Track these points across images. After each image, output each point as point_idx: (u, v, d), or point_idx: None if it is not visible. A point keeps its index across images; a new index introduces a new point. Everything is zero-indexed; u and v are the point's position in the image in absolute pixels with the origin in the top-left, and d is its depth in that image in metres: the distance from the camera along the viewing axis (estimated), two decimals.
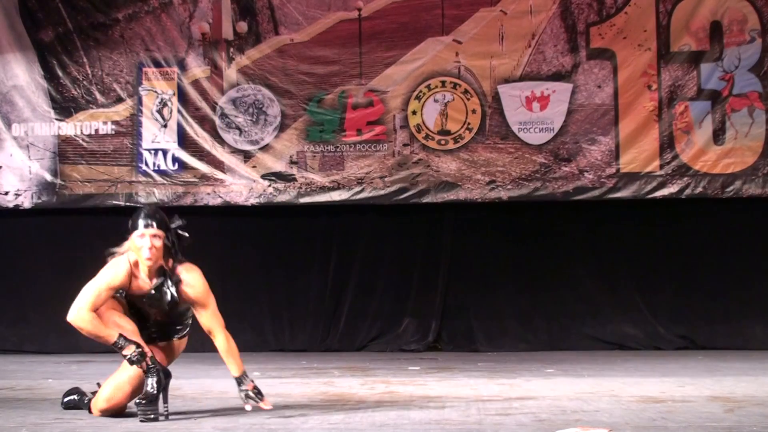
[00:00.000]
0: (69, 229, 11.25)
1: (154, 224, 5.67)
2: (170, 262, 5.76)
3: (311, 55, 11.07)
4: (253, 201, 11.07)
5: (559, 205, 11.03)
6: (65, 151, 11.15)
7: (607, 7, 10.91)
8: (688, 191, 10.77)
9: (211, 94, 11.10)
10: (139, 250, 5.66)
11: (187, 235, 5.78)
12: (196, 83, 11.11)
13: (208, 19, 11.14)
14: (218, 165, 11.08)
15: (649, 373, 8.39)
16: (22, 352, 11.13)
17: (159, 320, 5.92)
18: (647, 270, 11.04)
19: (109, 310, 5.69)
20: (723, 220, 11.00)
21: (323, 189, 11.03)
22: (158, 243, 5.65)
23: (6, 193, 11.18)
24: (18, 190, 11.16)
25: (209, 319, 5.83)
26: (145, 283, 5.75)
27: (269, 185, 11.04)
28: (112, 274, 5.69)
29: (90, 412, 5.92)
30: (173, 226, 5.75)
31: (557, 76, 10.94)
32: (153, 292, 5.72)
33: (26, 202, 11.16)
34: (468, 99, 10.98)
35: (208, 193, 11.06)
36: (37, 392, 7.34)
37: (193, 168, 11.08)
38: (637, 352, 10.66)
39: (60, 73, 11.18)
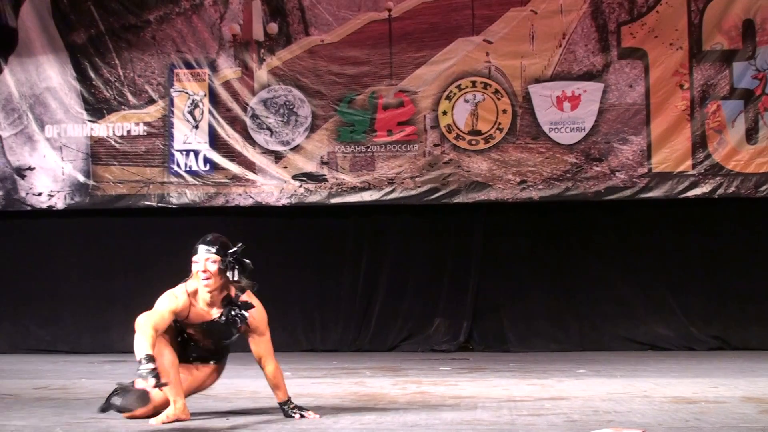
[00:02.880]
0: (102, 230, 11.32)
1: (212, 250, 5.71)
2: (233, 290, 5.80)
3: (342, 56, 11.09)
4: (284, 201, 11.10)
5: (591, 205, 10.99)
6: (98, 152, 11.22)
7: (638, 6, 10.86)
8: (720, 191, 10.71)
9: (242, 95, 11.14)
10: (196, 274, 5.72)
11: (248, 261, 5.80)
12: (227, 84, 11.15)
13: (238, 21, 11.17)
14: (249, 166, 11.11)
15: (682, 373, 8.35)
16: (55, 351, 11.21)
17: (206, 347, 5.97)
18: (679, 270, 10.98)
19: (159, 337, 5.70)
20: (756, 219, 10.93)
21: (354, 189, 11.05)
22: (213, 267, 5.68)
23: (39, 194, 11.26)
24: (51, 191, 11.24)
25: (264, 348, 5.92)
26: (204, 311, 5.80)
27: (300, 186, 11.06)
28: (172, 300, 5.74)
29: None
30: (231, 251, 5.76)
31: (588, 76, 10.91)
32: (222, 318, 5.77)
33: (59, 203, 11.23)
34: (498, 99, 10.96)
35: (240, 194, 11.09)
36: (71, 392, 7.39)
37: (224, 169, 11.12)
38: (669, 352, 10.60)
39: (92, 75, 11.26)
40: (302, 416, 5.77)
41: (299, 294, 11.29)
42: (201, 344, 5.95)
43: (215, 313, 5.79)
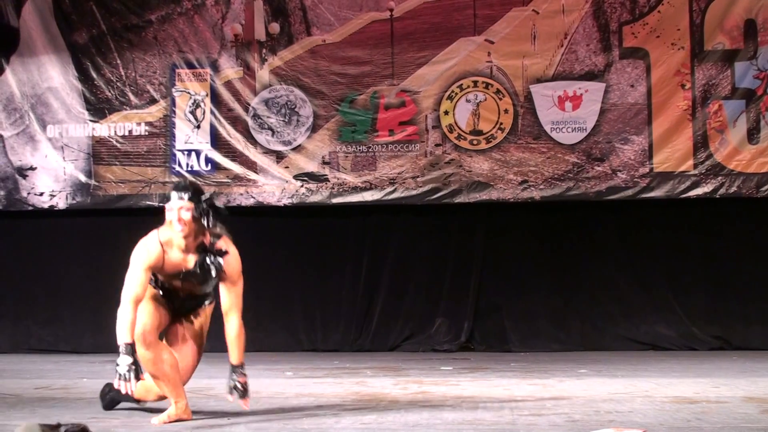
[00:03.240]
0: (103, 230, 11.32)
1: (185, 197, 5.68)
2: (207, 237, 5.75)
3: (343, 56, 11.09)
4: (285, 201, 11.10)
5: (592, 205, 10.99)
6: (99, 152, 11.23)
7: (640, 5, 10.86)
8: (722, 191, 10.71)
9: (243, 95, 11.14)
10: (170, 223, 5.69)
11: (222, 206, 5.80)
12: (228, 84, 11.15)
13: (240, 21, 11.18)
14: (251, 165, 11.11)
15: (683, 373, 8.35)
16: (57, 351, 11.22)
17: (188, 294, 5.90)
18: (681, 270, 10.98)
19: (144, 300, 5.70)
20: (757, 219, 10.93)
21: (355, 189, 11.05)
22: (186, 215, 5.65)
23: (41, 194, 11.27)
24: (53, 190, 11.25)
25: (233, 299, 5.80)
26: (179, 259, 5.74)
27: (302, 185, 11.07)
28: (145, 254, 5.70)
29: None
30: (205, 198, 5.74)
31: (590, 76, 10.90)
32: (197, 270, 5.72)
33: (61, 202, 11.24)
34: (500, 99, 10.96)
35: (241, 194, 11.10)
36: (73, 391, 7.40)
37: (225, 168, 11.12)
38: (671, 352, 10.60)
39: (94, 75, 11.26)
40: (241, 396, 5.71)
41: (300, 294, 11.29)
42: (182, 292, 5.87)
43: (191, 260, 5.73)
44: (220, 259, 5.71)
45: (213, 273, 5.72)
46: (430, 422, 5.57)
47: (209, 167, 11.12)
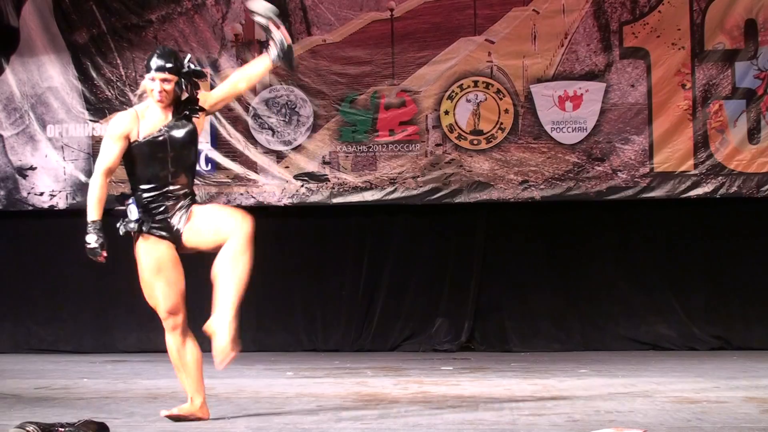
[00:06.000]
0: (104, 230, 11.29)
1: (167, 67, 5.62)
2: (184, 94, 5.72)
3: (344, 56, 11.09)
4: (285, 201, 11.10)
5: (593, 205, 10.99)
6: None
7: (641, 5, 10.85)
8: (722, 191, 10.70)
9: (243, 94, 11.12)
10: (150, 92, 5.65)
11: (201, 68, 5.79)
12: None
13: (240, 20, 11.17)
14: (251, 165, 11.11)
15: (683, 373, 8.35)
16: (57, 351, 11.21)
17: (175, 173, 5.72)
18: (681, 270, 10.98)
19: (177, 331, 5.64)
20: (758, 219, 10.92)
21: (356, 189, 11.04)
22: (168, 87, 5.62)
23: (41, 194, 11.27)
24: (53, 190, 11.25)
25: (223, 89, 5.97)
26: (157, 118, 5.66)
27: (302, 185, 11.07)
28: (117, 122, 5.67)
29: None
30: (186, 70, 5.68)
31: (590, 76, 10.90)
32: (176, 120, 5.66)
33: (61, 202, 11.24)
34: (500, 99, 10.96)
35: (241, 194, 11.09)
36: (73, 392, 7.40)
37: (226, 168, 11.12)
38: (671, 352, 10.60)
39: (94, 75, 11.26)
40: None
41: (301, 294, 11.29)
42: (165, 172, 5.69)
43: (169, 115, 5.68)
44: (197, 107, 5.74)
45: (190, 126, 5.69)
46: (430, 422, 5.56)
47: (209, 167, 11.12)
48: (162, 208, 5.71)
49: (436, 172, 10.97)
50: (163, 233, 5.69)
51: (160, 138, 5.65)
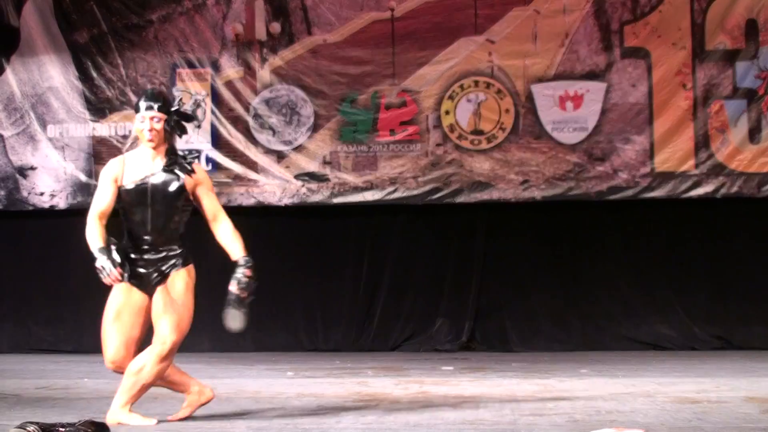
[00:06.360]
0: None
1: (155, 106, 5.66)
2: (176, 143, 5.75)
3: (344, 56, 11.08)
4: (286, 201, 11.09)
5: (593, 205, 10.98)
6: (100, 152, 11.21)
7: (642, 5, 10.85)
8: (723, 191, 10.70)
9: (244, 94, 11.13)
10: (140, 132, 5.68)
11: (190, 111, 5.81)
12: (229, 84, 11.15)
13: (241, 20, 11.17)
14: (252, 165, 11.11)
15: (684, 373, 8.35)
16: (57, 351, 11.21)
17: (155, 227, 5.68)
18: (682, 270, 10.97)
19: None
20: (758, 219, 10.92)
21: (356, 189, 11.04)
22: (158, 126, 5.65)
23: (41, 194, 11.27)
24: (53, 190, 11.25)
25: (215, 202, 5.79)
26: (145, 165, 5.69)
27: (302, 185, 11.06)
28: (107, 168, 5.77)
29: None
30: (174, 109, 5.71)
31: (591, 76, 10.90)
32: (164, 170, 5.66)
33: (61, 202, 11.24)
34: (501, 99, 10.95)
35: (242, 194, 11.09)
36: (74, 391, 7.40)
37: (226, 168, 11.11)
38: (672, 352, 10.59)
39: (94, 75, 11.26)
40: (245, 289, 5.60)
41: (301, 294, 11.29)
42: (149, 224, 5.68)
43: (158, 164, 5.69)
44: (190, 159, 5.72)
45: (181, 174, 5.66)
46: (431, 422, 5.56)
47: (210, 167, 11.10)
48: (139, 261, 5.79)
49: (437, 172, 10.96)
50: (136, 282, 5.77)
51: (142, 186, 5.70)
